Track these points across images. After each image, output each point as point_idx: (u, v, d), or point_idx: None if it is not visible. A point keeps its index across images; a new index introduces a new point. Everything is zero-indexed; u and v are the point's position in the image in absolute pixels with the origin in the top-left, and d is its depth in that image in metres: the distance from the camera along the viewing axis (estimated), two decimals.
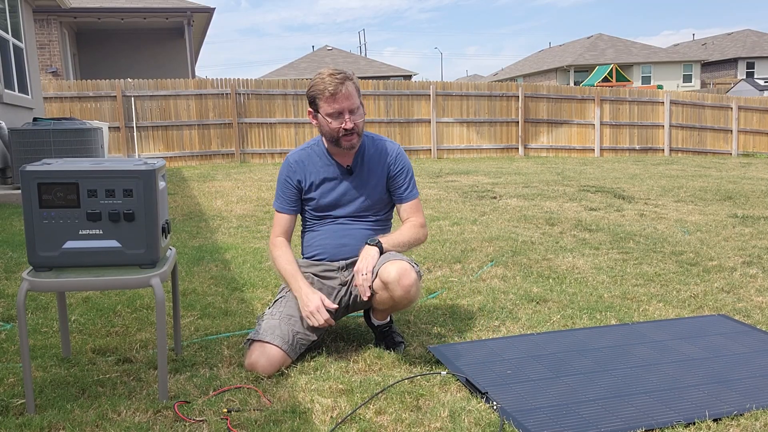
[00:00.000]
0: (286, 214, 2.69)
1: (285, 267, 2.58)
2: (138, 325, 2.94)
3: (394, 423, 2.00)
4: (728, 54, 44.58)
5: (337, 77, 2.46)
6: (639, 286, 3.64)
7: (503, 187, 8.37)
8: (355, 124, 2.50)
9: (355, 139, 2.55)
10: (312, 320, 2.43)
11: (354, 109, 2.50)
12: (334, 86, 2.44)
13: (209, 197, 7.53)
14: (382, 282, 2.43)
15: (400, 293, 2.41)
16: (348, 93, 2.47)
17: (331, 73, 2.48)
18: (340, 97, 2.46)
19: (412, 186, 2.73)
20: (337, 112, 2.48)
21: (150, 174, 2.09)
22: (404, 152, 2.75)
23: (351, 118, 2.49)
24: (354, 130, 2.51)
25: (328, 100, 2.47)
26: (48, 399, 2.15)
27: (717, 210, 6.54)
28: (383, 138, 2.76)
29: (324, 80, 2.46)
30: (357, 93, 2.53)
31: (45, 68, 13.76)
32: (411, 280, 2.41)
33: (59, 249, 2.06)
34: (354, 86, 2.51)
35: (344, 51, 41.11)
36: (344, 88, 2.46)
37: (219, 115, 12.87)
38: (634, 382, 2.31)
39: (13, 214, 6.07)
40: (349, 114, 2.49)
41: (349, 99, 2.47)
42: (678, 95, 16.39)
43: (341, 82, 2.45)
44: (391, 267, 2.42)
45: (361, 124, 2.54)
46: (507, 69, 53.63)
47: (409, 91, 14.14)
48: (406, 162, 2.73)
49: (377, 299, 2.51)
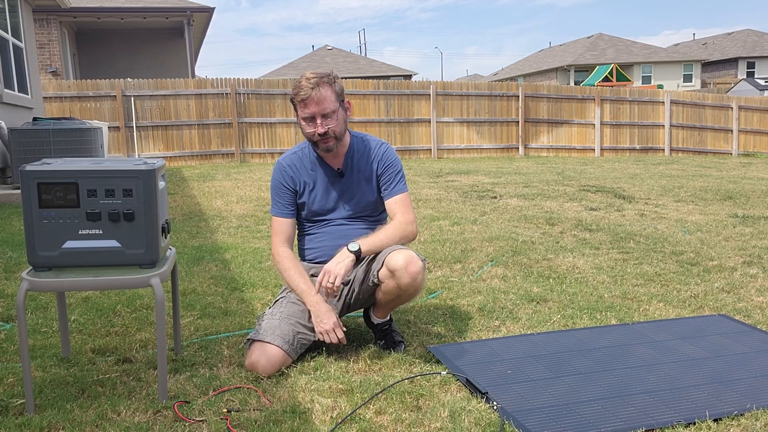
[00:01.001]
0: (284, 219, 2.66)
1: (297, 282, 2.53)
2: (138, 325, 2.94)
3: (394, 423, 2.00)
4: (729, 54, 44.58)
5: (311, 81, 2.45)
6: (639, 286, 3.64)
7: (503, 187, 8.37)
8: (328, 129, 2.48)
9: (331, 143, 2.53)
10: (325, 338, 2.44)
11: (328, 114, 2.47)
12: (305, 91, 2.44)
13: (209, 197, 7.53)
14: (389, 270, 2.43)
15: (407, 280, 2.41)
16: (320, 97, 2.45)
17: (308, 77, 2.47)
18: (310, 102, 2.45)
19: (398, 181, 2.68)
20: (309, 117, 2.48)
21: (150, 174, 2.09)
22: (392, 149, 2.73)
23: (323, 123, 2.47)
24: (328, 134, 2.49)
25: (300, 105, 2.48)
26: (48, 399, 2.14)
27: (717, 210, 6.53)
28: (371, 137, 2.74)
29: (299, 84, 2.46)
30: (334, 96, 2.49)
31: (45, 68, 13.75)
32: (418, 268, 2.42)
33: (59, 249, 2.06)
34: (331, 89, 2.48)
35: (344, 51, 41.10)
36: (316, 93, 2.44)
37: (219, 115, 12.87)
38: (635, 382, 2.31)
39: (13, 214, 6.07)
40: (322, 118, 2.47)
41: (321, 104, 2.45)
42: (678, 95, 16.38)
43: (313, 87, 2.44)
44: (398, 255, 2.42)
45: (338, 127, 2.52)
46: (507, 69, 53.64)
47: (409, 90, 14.14)
48: (392, 158, 2.70)
49: (383, 289, 2.51)
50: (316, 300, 2.48)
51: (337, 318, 2.47)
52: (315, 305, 2.48)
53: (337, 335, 2.43)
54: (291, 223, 2.68)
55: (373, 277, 2.51)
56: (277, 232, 2.66)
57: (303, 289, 2.51)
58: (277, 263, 2.63)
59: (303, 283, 2.52)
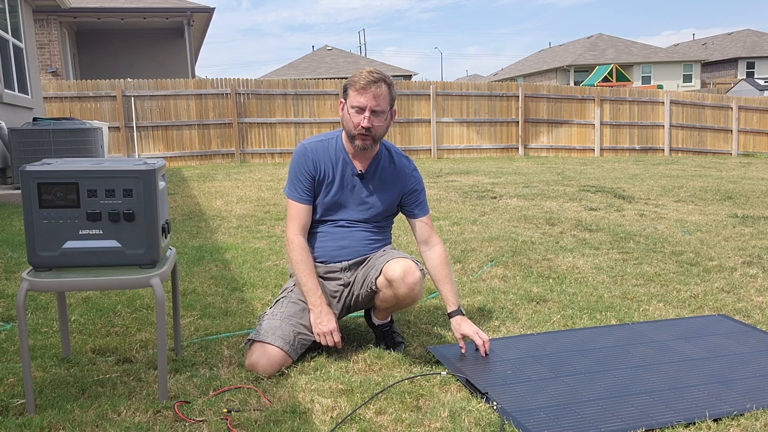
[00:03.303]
0: (301, 204, 2.58)
1: (306, 279, 2.52)
2: (138, 325, 2.94)
3: (394, 423, 2.00)
4: (728, 54, 44.57)
5: (374, 75, 2.47)
6: (639, 286, 3.64)
7: (503, 187, 8.37)
8: (372, 126, 2.48)
9: (369, 141, 2.52)
10: (322, 340, 2.45)
11: (378, 111, 2.48)
12: (366, 81, 2.45)
13: (209, 197, 7.53)
14: (387, 279, 2.44)
15: (404, 291, 2.42)
16: (378, 93, 2.46)
17: (371, 71, 2.50)
18: (368, 93, 2.45)
19: (425, 202, 2.74)
20: (360, 107, 2.47)
21: (150, 174, 2.09)
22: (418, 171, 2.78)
23: (370, 118, 2.47)
24: (370, 131, 2.49)
25: (357, 91, 2.47)
26: (48, 399, 2.14)
27: (717, 210, 6.54)
28: (400, 152, 2.75)
29: (362, 74, 2.48)
30: (389, 99, 2.51)
31: (45, 68, 13.75)
32: (415, 278, 2.42)
33: (59, 249, 2.06)
34: (388, 92, 2.50)
35: (344, 51, 41.09)
36: (376, 87, 2.45)
37: (219, 115, 12.87)
38: (635, 382, 2.31)
39: (13, 214, 6.07)
40: (372, 114, 2.47)
41: (376, 99, 2.46)
42: (678, 95, 16.39)
43: (375, 81, 2.46)
44: (396, 265, 2.42)
45: (380, 129, 2.52)
46: (507, 69, 53.63)
47: (409, 91, 14.14)
48: (421, 180, 2.76)
49: (380, 297, 2.52)
50: (319, 302, 2.48)
51: (336, 323, 2.48)
52: (317, 306, 2.48)
53: (334, 339, 2.44)
54: (308, 210, 2.60)
55: (371, 284, 2.52)
56: (293, 218, 2.59)
57: (309, 288, 2.51)
58: (290, 251, 2.57)
59: (310, 281, 2.51)
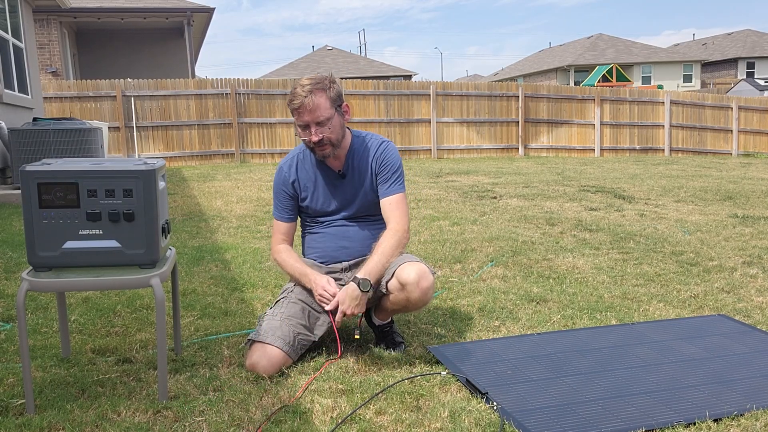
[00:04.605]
0: (284, 223, 2.70)
1: (294, 266, 2.58)
2: (138, 325, 2.94)
3: (394, 423, 2.00)
4: (728, 54, 44.57)
5: (305, 89, 2.41)
6: (639, 286, 3.64)
7: (503, 187, 8.37)
8: (323, 137, 2.45)
9: (327, 150, 2.50)
10: (324, 300, 2.44)
11: (321, 121, 2.44)
12: (298, 99, 2.41)
13: (209, 197, 7.53)
14: (400, 283, 2.42)
15: (418, 295, 2.41)
16: (314, 106, 2.41)
17: (303, 83, 2.44)
18: (303, 110, 2.42)
19: (394, 180, 2.60)
20: (304, 125, 2.47)
21: (150, 174, 2.09)
22: (392, 147, 2.66)
23: (316, 131, 2.44)
24: (323, 141, 2.47)
25: (294, 113, 2.47)
26: (48, 399, 2.14)
27: (717, 210, 6.53)
28: (372, 136, 2.68)
29: (294, 92, 2.43)
30: (328, 103, 2.44)
31: (45, 68, 13.75)
32: (429, 283, 2.42)
33: (59, 249, 2.06)
34: (325, 96, 2.44)
35: (344, 51, 41.07)
36: (309, 101, 2.40)
37: (219, 115, 12.87)
38: (635, 382, 2.31)
39: (13, 214, 6.07)
40: (316, 126, 2.44)
41: (314, 112, 2.42)
42: (678, 95, 16.38)
43: (306, 95, 2.40)
44: (410, 269, 2.41)
45: (333, 134, 2.48)
46: (507, 69, 53.63)
47: (409, 91, 14.14)
48: (390, 156, 2.62)
49: (391, 300, 2.50)
50: (313, 278, 2.50)
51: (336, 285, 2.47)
52: (312, 281, 2.50)
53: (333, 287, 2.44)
54: (291, 226, 2.72)
55: (382, 287, 2.50)
56: (276, 233, 2.72)
57: (302, 271, 2.55)
58: (275, 257, 2.68)
59: (301, 266, 2.57)
